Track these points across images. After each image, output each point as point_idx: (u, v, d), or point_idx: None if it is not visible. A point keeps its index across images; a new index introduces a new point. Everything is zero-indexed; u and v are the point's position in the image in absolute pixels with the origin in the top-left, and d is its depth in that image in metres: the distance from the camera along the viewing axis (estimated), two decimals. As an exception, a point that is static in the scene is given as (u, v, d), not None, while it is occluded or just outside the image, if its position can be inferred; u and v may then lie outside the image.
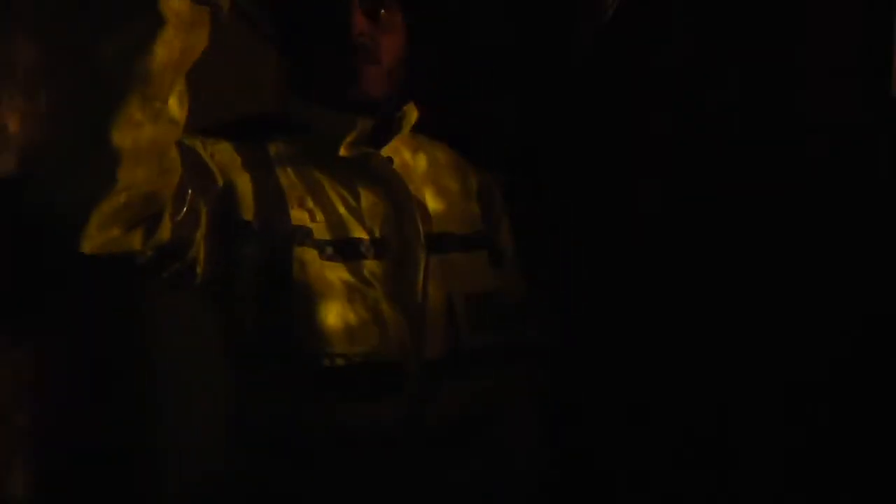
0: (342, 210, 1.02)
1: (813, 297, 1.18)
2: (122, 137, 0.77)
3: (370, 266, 1.01)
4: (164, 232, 0.87)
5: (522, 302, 1.15)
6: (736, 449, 1.23)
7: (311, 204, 1.01)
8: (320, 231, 1.00)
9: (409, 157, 1.11)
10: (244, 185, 0.98)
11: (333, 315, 0.97)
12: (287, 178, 1.02)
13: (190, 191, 0.91)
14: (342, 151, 1.02)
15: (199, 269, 0.95)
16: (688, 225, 1.27)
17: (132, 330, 1.27)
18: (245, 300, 0.98)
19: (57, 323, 1.10)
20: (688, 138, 1.28)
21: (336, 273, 0.99)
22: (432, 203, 1.08)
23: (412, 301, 1.01)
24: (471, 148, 1.19)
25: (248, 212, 0.98)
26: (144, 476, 1.28)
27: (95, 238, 0.80)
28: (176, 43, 0.78)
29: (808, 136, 1.21)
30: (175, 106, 0.82)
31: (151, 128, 0.79)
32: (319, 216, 1.01)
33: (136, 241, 0.85)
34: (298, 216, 0.99)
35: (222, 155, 0.99)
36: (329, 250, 1.00)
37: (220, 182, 0.97)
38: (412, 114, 1.09)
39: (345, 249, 1.00)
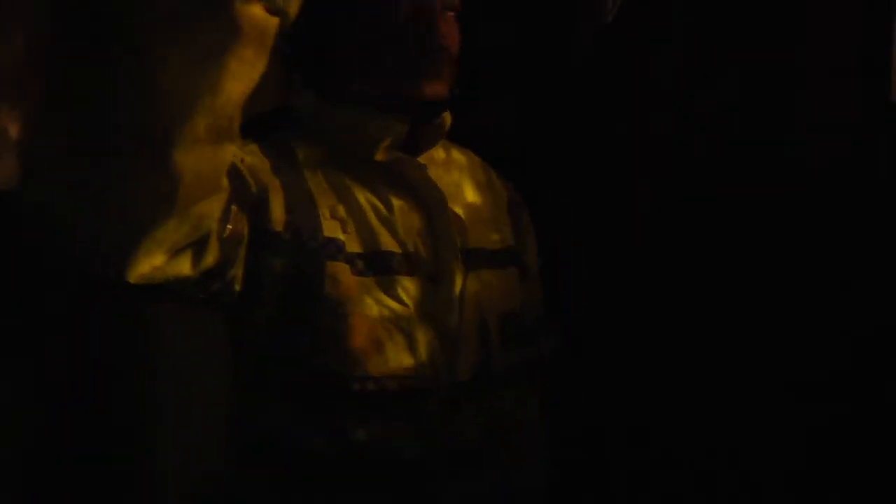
0: (374, 220, 0.94)
1: (813, 298, 1.18)
2: (184, 156, 0.71)
3: (403, 283, 0.93)
4: (212, 254, 0.81)
5: (540, 315, 1.10)
6: (736, 449, 1.23)
7: (342, 213, 0.93)
8: (352, 243, 0.92)
9: (442, 163, 1.04)
10: (275, 192, 0.91)
11: (364, 336, 0.89)
12: (317, 183, 0.94)
13: (234, 206, 0.84)
14: (378, 156, 0.95)
15: (237, 287, 0.88)
16: (687, 225, 1.27)
17: (132, 330, 1.27)
18: (265, 308, 0.90)
19: (57, 325, 1.11)
20: (687, 138, 1.27)
21: (368, 290, 0.91)
22: (467, 213, 1.02)
23: (448, 324, 0.94)
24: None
25: (277, 222, 0.90)
26: (144, 476, 1.29)
27: (143, 265, 0.74)
28: (248, 55, 0.72)
29: (808, 136, 1.21)
30: (235, 123, 0.76)
31: (212, 146, 0.74)
32: (351, 227, 0.93)
33: (184, 266, 0.79)
34: (330, 227, 0.92)
35: (252, 159, 0.92)
36: (360, 264, 0.92)
37: (254, 189, 0.90)
38: (448, 118, 1.01)
39: (376, 263, 0.92)
